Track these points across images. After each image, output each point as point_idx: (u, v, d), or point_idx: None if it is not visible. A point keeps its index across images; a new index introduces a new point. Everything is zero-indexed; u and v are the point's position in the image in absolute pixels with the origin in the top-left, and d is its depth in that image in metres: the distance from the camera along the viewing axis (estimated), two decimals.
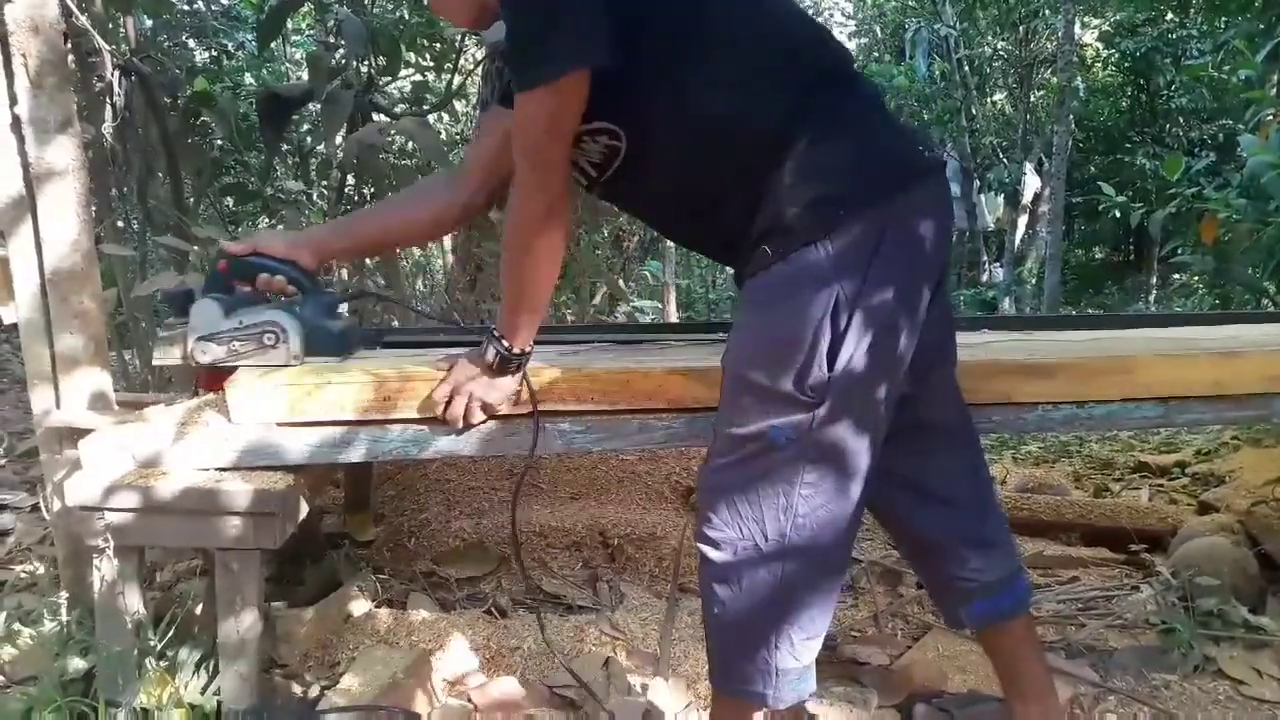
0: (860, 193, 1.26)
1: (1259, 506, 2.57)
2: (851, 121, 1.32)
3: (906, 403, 1.41)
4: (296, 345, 1.61)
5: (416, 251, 6.40)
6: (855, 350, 1.25)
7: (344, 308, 1.78)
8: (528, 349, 1.48)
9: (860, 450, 1.31)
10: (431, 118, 4.52)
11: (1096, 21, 13.31)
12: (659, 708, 1.71)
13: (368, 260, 3.62)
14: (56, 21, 1.67)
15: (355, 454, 1.58)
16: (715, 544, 1.35)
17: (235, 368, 1.60)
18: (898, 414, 1.39)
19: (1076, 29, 10.96)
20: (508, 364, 1.47)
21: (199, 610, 1.79)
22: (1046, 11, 12.41)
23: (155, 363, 1.84)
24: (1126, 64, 12.82)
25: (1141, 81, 13.05)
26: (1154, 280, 12.99)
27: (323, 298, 1.68)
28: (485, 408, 1.51)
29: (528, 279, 1.41)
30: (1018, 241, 13.94)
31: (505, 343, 1.45)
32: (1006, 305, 12.52)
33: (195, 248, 2.61)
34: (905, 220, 1.28)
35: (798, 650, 1.36)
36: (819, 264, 1.24)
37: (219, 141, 3.82)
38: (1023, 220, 13.76)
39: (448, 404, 1.50)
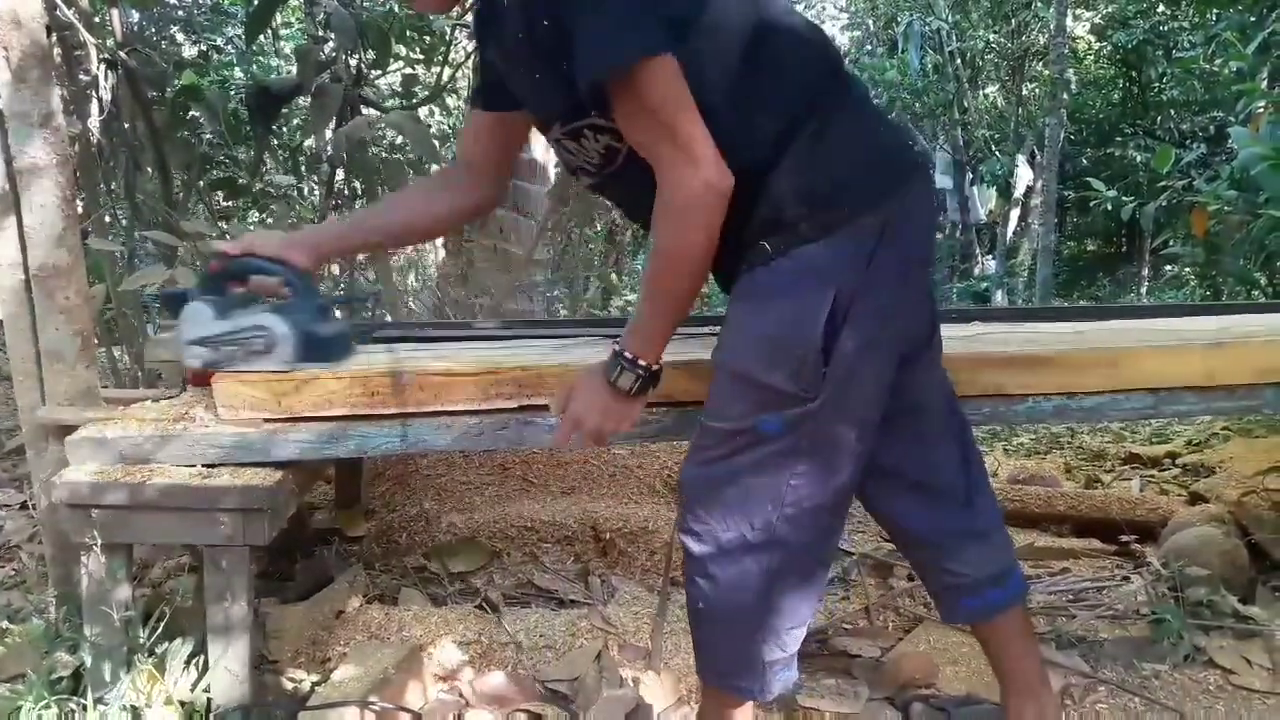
0: (864, 192, 1.26)
1: (1249, 497, 2.58)
2: (850, 120, 1.32)
3: (893, 391, 1.41)
4: (287, 351, 1.57)
5: (410, 247, 6.39)
6: (851, 345, 1.25)
7: (337, 311, 1.74)
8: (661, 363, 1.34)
9: (851, 442, 1.32)
10: (422, 111, 4.49)
11: (1088, 14, 13.33)
12: (647, 702, 1.71)
13: (359, 256, 3.60)
14: (40, 15, 1.66)
15: (343, 449, 1.58)
16: (700, 537, 1.34)
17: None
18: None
19: (1068, 21, 10.94)
20: (647, 387, 1.34)
21: (188, 607, 1.78)
22: (1038, 4, 12.41)
23: (148, 363, 1.82)
24: (1118, 56, 12.82)
25: (1133, 74, 13.05)
26: (1146, 272, 13.01)
27: (314, 301, 1.62)
28: (606, 436, 1.38)
29: (684, 277, 1.27)
30: (1010, 234, 13.96)
31: (643, 363, 1.31)
32: (999, 298, 12.55)
33: (184, 242, 2.59)
34: (902, 217, 1.28)
35: (784, 641, 1.37)
36: (821, 261, 1.25)
37: (207, 136, 3.80)
38: (1015, 213, 13.79)
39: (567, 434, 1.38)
